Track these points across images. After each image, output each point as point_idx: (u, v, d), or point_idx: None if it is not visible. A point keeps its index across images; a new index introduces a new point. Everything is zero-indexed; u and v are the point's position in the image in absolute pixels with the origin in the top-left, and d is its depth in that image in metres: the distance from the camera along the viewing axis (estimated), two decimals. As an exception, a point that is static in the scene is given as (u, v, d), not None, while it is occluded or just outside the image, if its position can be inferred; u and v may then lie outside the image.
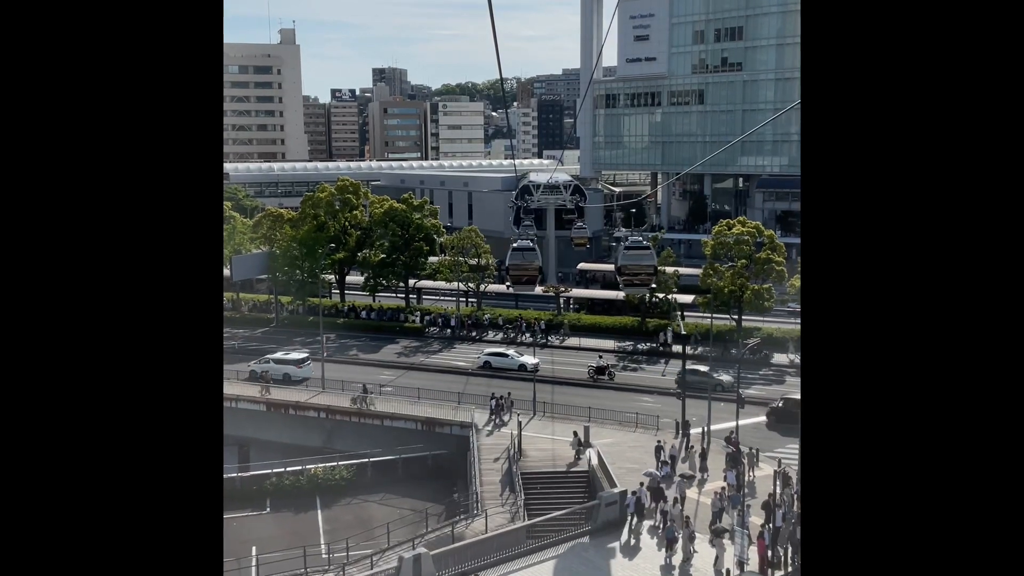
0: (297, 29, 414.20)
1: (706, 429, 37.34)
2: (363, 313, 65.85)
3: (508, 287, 34.40)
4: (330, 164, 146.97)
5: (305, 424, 43.61)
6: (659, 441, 35.42)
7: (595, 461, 34.70)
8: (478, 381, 49.14)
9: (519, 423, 38.19)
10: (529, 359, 51.00)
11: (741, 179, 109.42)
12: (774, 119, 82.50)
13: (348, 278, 70.55)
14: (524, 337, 59.04)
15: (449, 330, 61.48)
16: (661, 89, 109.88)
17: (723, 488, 30.53)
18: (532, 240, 30.89)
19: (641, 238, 19.96)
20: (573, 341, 57.40)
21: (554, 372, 49.74)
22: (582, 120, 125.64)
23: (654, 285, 22.71)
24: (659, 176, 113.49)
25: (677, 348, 53.42)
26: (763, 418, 41.82)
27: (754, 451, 34.82)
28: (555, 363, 51.73)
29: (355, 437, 42.59)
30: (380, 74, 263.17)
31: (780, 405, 41.60)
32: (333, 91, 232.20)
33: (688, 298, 60.87)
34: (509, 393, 42.40)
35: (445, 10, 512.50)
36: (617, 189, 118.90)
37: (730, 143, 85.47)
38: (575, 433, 37.32)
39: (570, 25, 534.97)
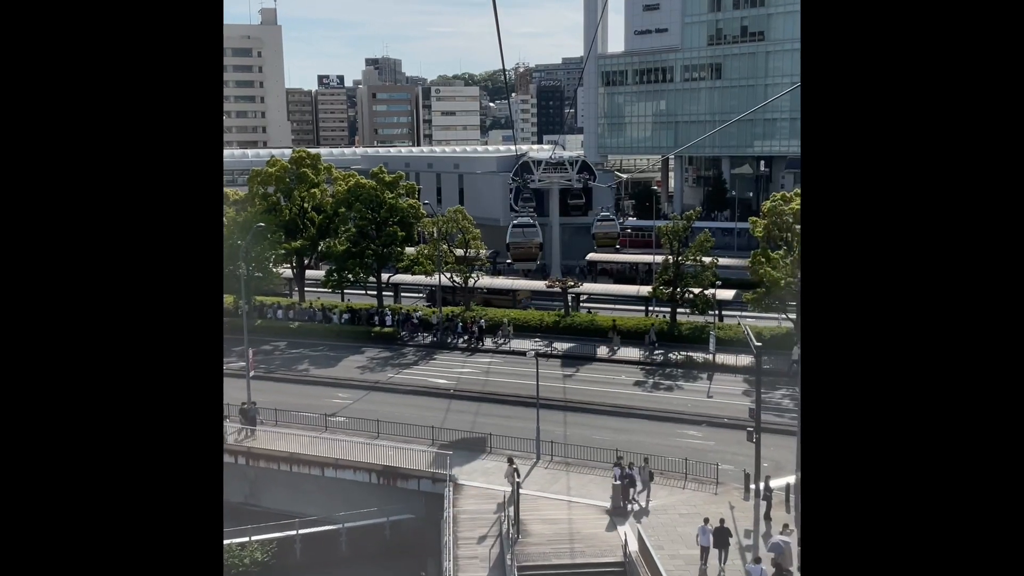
0: (291, 25, 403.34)
1: (792, 484, 25.34)
2: (269, 313, 53.46)
3: (510, 264, 33.74)
4: (311, 150, 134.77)
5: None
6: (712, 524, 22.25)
7: (634, 546, 22.52)
8: (461, 407, 36.72)
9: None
10: None
11: (762, 162, 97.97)
12: (784, 94, 70.64)
13: (312, 272, 58.35)
14: (458, 340, 47.04)
15: (391, 328, 49.63)
16: (673, 63, 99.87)
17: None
18: (532, 217, 29.25)
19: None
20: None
21: (566, 394, 37.33)
22: (585, 100, 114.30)
23: None
24: (671, 160, 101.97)
25: (721, 359, 41.47)
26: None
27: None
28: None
29: (287, 491, 30.41)
30: (374, 63, 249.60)
31: None
32: (320, 77, 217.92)
33: (728, 293, 48.81)
34: (647, 460, 27.09)
35: (443, 7, 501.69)
36: (624, 176, 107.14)
37: (739, 116, 73.10)
38: (510, 461, 26.39)
39: (569, 21, 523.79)
